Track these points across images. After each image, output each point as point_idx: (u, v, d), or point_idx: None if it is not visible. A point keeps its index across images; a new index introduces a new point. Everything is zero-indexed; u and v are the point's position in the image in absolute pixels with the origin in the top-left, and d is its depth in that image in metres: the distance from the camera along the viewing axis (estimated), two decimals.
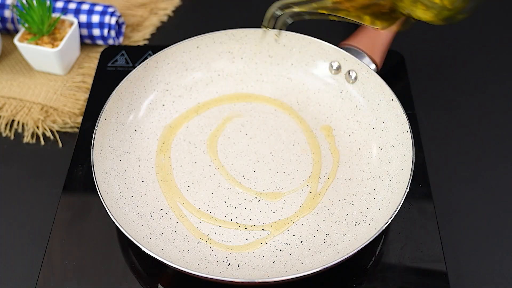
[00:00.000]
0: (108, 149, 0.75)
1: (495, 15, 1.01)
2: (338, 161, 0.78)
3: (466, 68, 0.93)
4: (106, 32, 0.93)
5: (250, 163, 0.78)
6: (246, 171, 0.77)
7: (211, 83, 0.85)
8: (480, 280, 0.72)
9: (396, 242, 0.71)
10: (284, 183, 0.76)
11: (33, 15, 0.86)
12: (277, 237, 0.71)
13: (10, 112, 0.87)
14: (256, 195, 0.75)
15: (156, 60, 0.81)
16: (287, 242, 0.71)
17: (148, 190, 0.75)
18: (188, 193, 0.75)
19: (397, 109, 0.75)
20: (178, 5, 1.04)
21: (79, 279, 0.69)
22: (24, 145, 0.85)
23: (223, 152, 0.79)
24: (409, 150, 0.71)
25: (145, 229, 0.70)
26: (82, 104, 0.88)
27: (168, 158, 0.78)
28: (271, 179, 0.76)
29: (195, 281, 0.66)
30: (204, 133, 0.81)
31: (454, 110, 0.88)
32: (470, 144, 0.84)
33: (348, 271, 0.69)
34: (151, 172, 0.77)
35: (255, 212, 0.73)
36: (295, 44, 0.83)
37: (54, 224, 0.73)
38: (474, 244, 0.74)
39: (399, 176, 0.71)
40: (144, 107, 0.81)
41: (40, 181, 0.81)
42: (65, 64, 0.90)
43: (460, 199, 0.78)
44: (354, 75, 0.80)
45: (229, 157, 0.78)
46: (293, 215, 0.73)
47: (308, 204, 0.74)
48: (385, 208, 0.69)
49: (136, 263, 0.70)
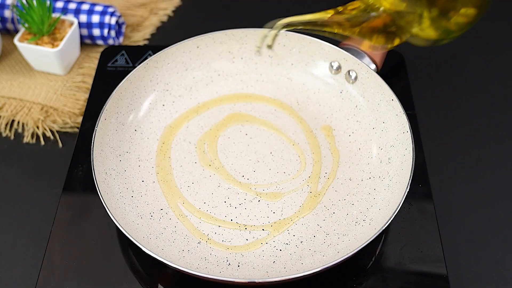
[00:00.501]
0: (108, 149, 0.75)
1: (495, 15, 1.01)
2: (338, 161, 0.78)
3: (466, 68, 0.93)
4: (106, 32, 0.93)
5: (250, 163, 0.78)
6: (246, 171, 0.77)
7: (211, 83, 0.85)
8: (480, 280, 0.71)
9: (396, 242, 0.71)
10: (284, 183, 0.76)
11: (33, 15, 0.86)
12: (277, 237, 0.71)
13: (10, 112, 0.87)
14: (256, 195, 0.75)
15: (156, 60, 0.81)
16: (287, 242, 0.71)
17: (148, 190, 0.75)
18: (188, 193, 0.75)
19: (397, 109, 0.75)
20: (178, 5, 1.04)
21: (79, 279, 0.69)
22: (24, 145, 0.85)
23: (223, 152, 0.79)
24: (409, 150, 0.71)
25: (145, 229, 0.70)
26: (82, 104, 0.88)
27: (168, 158, 0.78)
28: (271, 179, 0.76)
29: (195, 281, 0.66)
30: (204, 133, 0.81)
31: (454, 110, 0.88)
32: (470, 144, 0.84)
33: (348, 271, 0.69)
34: (151, 172, 0.77)
35: (255, 212, 0.73)
36: (295, 44, 0.83)
37: (54, 224, 0.73)
38: (474, 244, 0.74)
39: (399, 176, 0.71)
40: (144, 107, 0.81)
41: (40, 181, 0.81)
42: (65, 64, 0.90)
43: (460, 199, 0.78)
44: (354, 75, 0.80)
45: (229, 157, 0.78)
46: (293, 215, 0.73)
47: (308, 204, 0.74)
48: (385, 208, 0.69)
49: (136, 263, 0.70)
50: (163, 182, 0.76)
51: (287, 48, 0.84)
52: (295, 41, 0.83)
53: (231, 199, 0.74)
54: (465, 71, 0.93)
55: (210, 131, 0.81)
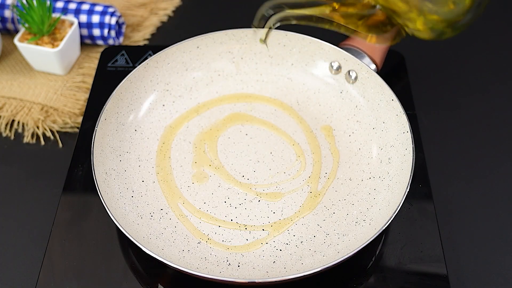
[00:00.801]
0: (108, 149, 0.75)
1: (495, 15, 1.01)
2: (338, 161, 0.78)
3: (466, 68, 0.93)
4: (106, 32, 0.93)
5: (250, 163, 0.78)
6: (246, 171, 0.77)
7: (211, 83, 0.85)
8: (480, 280, 0.71)
9: (396, 242, 0.71)
10: (284, 183, 0.76)
11: (33, 15, 0.86)
12: (277, 237, 0.71)
13: (10, 112, 0.87)
14: (256, 195, 0.75)
15: (156, 60, 0.81)
16: (287, 242, 0.71)
17: (148, 190, 0.75)
18: (188, 193, 0.75)
19: (397, 109, 0.75)
20: (178, 5, 1.04)
21: (79, 279, 0.69)
22: (24, 145, 0.85)
23: (223, 152, 0.79)
24: (409, 150, 0.71)
25: (145, 229, 0.70)
26: (82, 104, 0.88)
27: (168, 158, 0.78)
28: (271, 179, 0.76)
29: (195, 281, 0.66)
30: (205, 133, 0.81)
31: (454, 110, 0.88)
32: (470, 144, 0.84)
33: (348, 271, 0.69)
34: (151, 172, 0.77)
35: (255, 212, 0.73)
36: (295, 44, 0.83)
37: (54, 224, 0.73)
38: (474, 244, 0.74)
39: (399, 176, 0.71)
40: (144, 107, 0.81)
41: (40, 181, 0.81)
42: (65, 64, 0.90)
43: (460, 199, 0.78)
44: (354, 75, 0.80)
45: (229, 157, 0.78)
46: (293, 215, 0.73)
47: (308, 204, 0.74)
48: (385, 208, 0.69)
49: (136, 263, 0.70)
50: (163, 182, 0.76)
51: (287, 48, 0.84)
52: (295, 41, 0.83)
53: (231, 199, 0.74)
54: (465, 71, 0.93)
55: (210, 131, 0.81)
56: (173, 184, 0.76)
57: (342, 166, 0.77)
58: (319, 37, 0.82)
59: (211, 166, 0.78)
